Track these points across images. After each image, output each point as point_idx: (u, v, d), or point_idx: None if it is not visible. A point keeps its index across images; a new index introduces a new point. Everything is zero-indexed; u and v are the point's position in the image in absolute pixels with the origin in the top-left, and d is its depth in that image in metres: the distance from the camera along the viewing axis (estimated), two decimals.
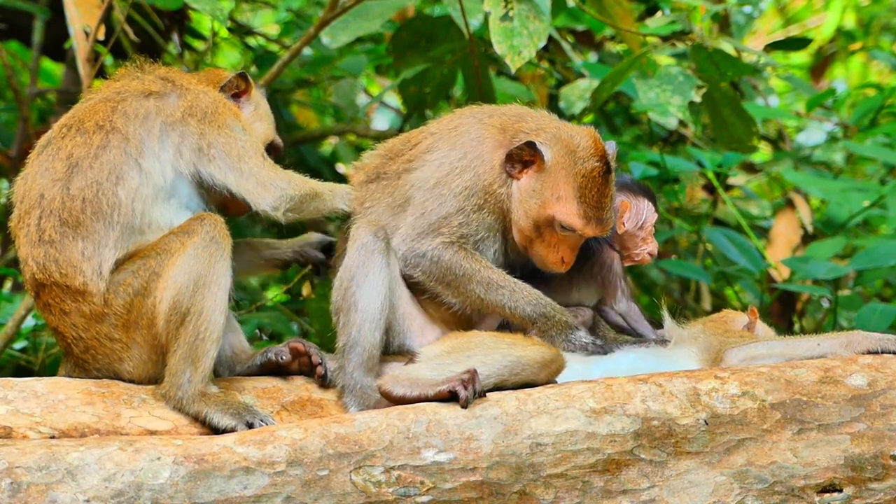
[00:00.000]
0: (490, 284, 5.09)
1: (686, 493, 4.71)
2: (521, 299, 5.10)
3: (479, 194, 5.13)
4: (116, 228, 4.88)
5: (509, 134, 5.17)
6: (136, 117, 4.98)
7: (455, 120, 5.30)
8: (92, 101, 5.08)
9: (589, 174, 5.09)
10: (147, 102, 5.02)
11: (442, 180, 5.14)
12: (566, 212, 5.09)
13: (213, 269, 4.84)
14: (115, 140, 4.93)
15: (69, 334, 4.95)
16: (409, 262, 5.14)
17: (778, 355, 5.05)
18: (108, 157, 4.91)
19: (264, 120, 5.32)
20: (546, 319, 5.11)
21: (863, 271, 7.43)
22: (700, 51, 7.02)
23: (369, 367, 5.02)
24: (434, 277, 5.13)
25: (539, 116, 5.26)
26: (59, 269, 4.88)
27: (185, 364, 4.83)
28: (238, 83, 5.26)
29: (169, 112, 5.00)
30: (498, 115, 5.26)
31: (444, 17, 7.46)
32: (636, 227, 5.42)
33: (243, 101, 5.28)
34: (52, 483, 4.44)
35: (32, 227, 4.93)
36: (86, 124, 4.99)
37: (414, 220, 5.14)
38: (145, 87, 5.07)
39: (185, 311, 4.82)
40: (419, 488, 4.59)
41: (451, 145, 5.19)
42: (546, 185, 5.09)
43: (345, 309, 5.07)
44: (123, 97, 5.03)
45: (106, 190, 4.88)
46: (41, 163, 4.99)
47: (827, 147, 9.33)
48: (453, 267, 5.10)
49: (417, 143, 5.28)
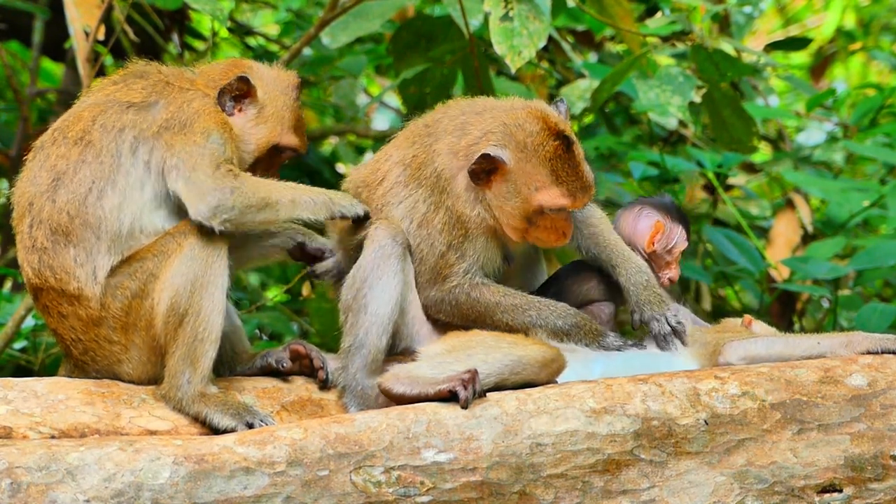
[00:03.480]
0: (516, 310, 5.10)
1: (686, 494, 4.71)
2: (551, 315, 5.11)
3: (458, 225, 5.10)
4: (107, 237, 4.84)
5: (461, 154, 5.11)
6: (112, 130, 4.91)
7: (410, 147, 5.22)
8: (84, 105, 5.02)
9: (555, 155, 5.04)
10: (125, 116, 4.93)
11: (422, 221, 5.12)
12: (550, 197, 5.06)
13: (210, 270, 4.82)
14: (91, 155, 4.88)
15: (68, 336, 4.94)
16: (432, 310, 5.15)
17: (777, 353, 5.04)
18: (87, 173, 4.87)
19: (269, 121, 5.18)
20: (578, 329, 5.12)
21: (863, 271, 7.43)
22: (700, 51, 7.02)
23: (372, 369, 5.02)
24: (459, 318, 5.12)
25: (480, 118, 5.15)
26: (54, 274, 4.87)
27: (184, 365, 4.82)
28: (239, 87, 5.12)
29: (144, 126, 4.91)
30: (442, 136, 5.17)
31: (444, 17, 7.46)
32: (664, 249, 5.45)
33: (246, 103, 5.15)
34: (52, 483, 4.44)
35: (25, 234, 4.93)
36: (68, 134, 4.94)
37: (419, 267, 5.13)
38: (130, 97, 4.97)
39: (183, 313, 4.80)
40: (419, 488, 4.59)
41: (417, 181, 5.14)
42: (519, 182, 5.06)
43: (354, 309, 5.06)
44: (106, 107, 4.95)
45: (89, 205, 4.85)
46: (32, 168, 4.96)
47: (827, 147, 9.33)
48: (474, 305, 5.10)
49: (385, 174, 5.22)
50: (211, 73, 5.20)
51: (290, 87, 5.26)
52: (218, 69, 5.22)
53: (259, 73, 5.22)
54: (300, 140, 5.27)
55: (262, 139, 5.17)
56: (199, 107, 4.99)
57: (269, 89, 5.21)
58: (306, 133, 5.35)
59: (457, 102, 5.35)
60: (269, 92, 5.20)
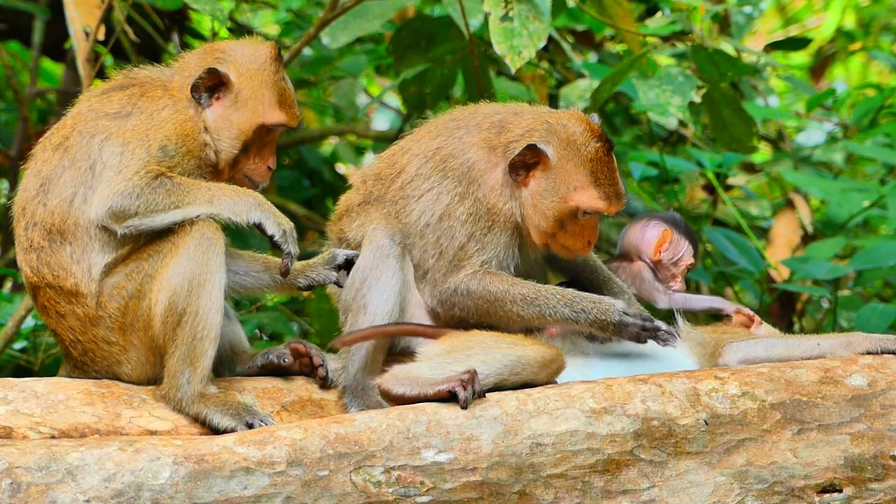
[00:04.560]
0: (525, 300, 5.04)
1: (686, 494, 4.71)
2: (557, 303, 5.04)
3: (485, 217, 5.08)
4: (99, 237, 4.87)
5: (499, 150, 5.11)
6: (85, 135, 4.92)
7: (434, 140, 5.20)
8: (70, 114, 5.05)
9: (596, 156, 5.07)
10: (100, 122, 4.93)
11: (445, 212, 5.09)
12: (588, 198, 5.06)
13: (207, 268, 4.81)
14: (68, 160, 4.90)
15: (67, 337, 4.95)
16: (446, 305, 5.11)
17: (777, 355, 5.04)
18: (68, 178, 4.89)
19: (249, 103, 5.03)
20: (586, 314, 5.04)
21: (863, 271, 7.43)
22: (700, 51, 7.02)
23: (373, 369, 5.02)
24: (471, 311, 5.08)
25: (519, 118, 5.18)
26: (52, 271, 4.89)
27: (183, 365, 4.82)
28: (210, 79, 4.99)
29: (113, 131, 4.91)
30: (475, 131, 5.17)
31: (444, 17, 7.47)
32: (670, 260, 5.48)
33: (223, 90, 5.02)
34: (52, 483, 4.44)
35: (22, 236, 4.97)
36: (52, 140, 4.98)
37: (435, 263, 5.10)
38: (107, 108, 4.97)
39: (181, 312, 4.80)
40: (419, 488, 4.59)
41: (441, 172, 5.13)
42: (559, 179, 5.07)
43: (354, 309, 5.06)
44: (86, 116, 4.96)
45: (76, 207, 4.87)
46: (26, 177, 5.01)
47: (827, 147, 9.34)
48: (485, 294, 5.05)
49: (404, 168, 5.20)
50: (186, 66, 5.11)
51: (266, 62, 5.08)
52: (193, 61, 5.12)
53: (232, 56, 5.08)
54: (287, 113, 5.10)
55: (244, 123, 5.04)
56: (166, 116, 4.95)
57: (244, 70, 5.06)
58: (297, 109, 5.14)
59: (488, 104, 5.36)
60: (243, 73, 5.05)
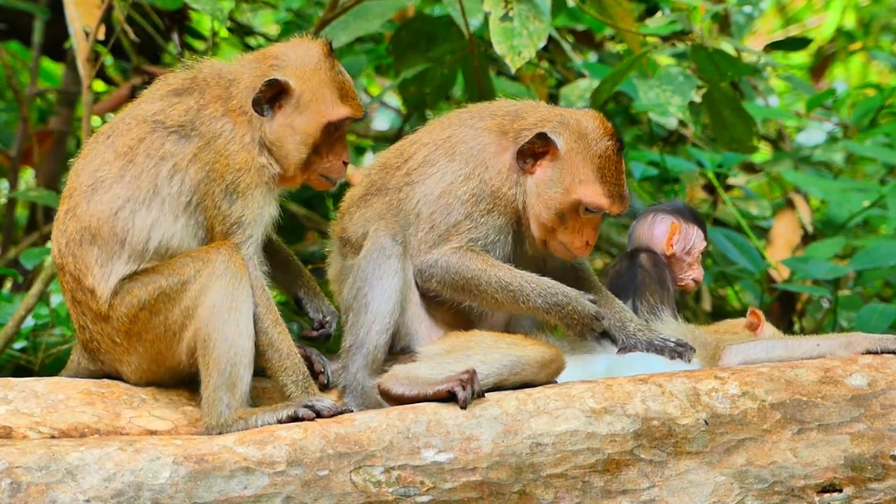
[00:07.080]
0: (500, 283, 5.02)
1: (686, 493, 4.71)
2: (531, 291, 5.02)
3: (488, 199, 5.09)
4: (130, 248, 4.87)
5: (511, 135, 5.13)
6: (154, 157, 4.90)
7: (445, 129, 5.23)
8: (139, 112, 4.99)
9: (605, 154, 5.07)
10: (166, 144, 4.91)
11: (446, 190, 5.10)
12: (591, 193, 5.07)
13: (234, 299, 4.78)
14: (130, 175, 4.89)
15: (78, 322, 4.99)
16: (425, 275, 5.10)
17: (777, 356, 5.04)
18: (122, 191, 4.89)
19: (311, 106, 4.97)
20: (560, 308, 5.04)
21: (863, 271, 7.44)
22: (700, 51, 7.02)
23: (373, 369, 5.02)
24: (448, 285, 5.07)
25: (535, 109, 5.22)
26: (76, 263, 4.92)
27: (220, 392, 4.76)
28: (267, 92, 4.93)
29: (179, 158, 4.90)
30: (489, 118, 5.20)
31: (444, 17, 7.47)
32: (683, 251, 5.50)
33: (284, 98, 4.95)
34: (52, 483, 4.44)
35: (61, 218, 4.99)
36: (117, 142, 4.94)
37: (424, 235, 5.10)
38: (171, 120, 4.93)
39: (213, 345, 4.76)
40: (419, 488, 4.59)
41: (449, 156, 5.14)
42: (565, 171, 5.07)
43: (355, 309, 5.06)
44: (153, 128, 4.93)
45: (120, 218, 4.87)
46: (87, 156, 4.99)
47: (827, 147, 9.33)
48: (462, 270, 5.04)
49: (412, 156, 5.21)
50: (244, 78, 5.00)
51: (321, 59, 5.01)
52: (246, 72, 5.02)
53: (286, 60, 5.00)
54: (351, 106, 5.03)
55: (310, 125, 4.97)
56: (239, 163, 4.92)
57: (301, 72, 4.98)
58: (359, 100, 5.08)
59: (505, 100, 5.37)
60: (301, 76, 4.97)
